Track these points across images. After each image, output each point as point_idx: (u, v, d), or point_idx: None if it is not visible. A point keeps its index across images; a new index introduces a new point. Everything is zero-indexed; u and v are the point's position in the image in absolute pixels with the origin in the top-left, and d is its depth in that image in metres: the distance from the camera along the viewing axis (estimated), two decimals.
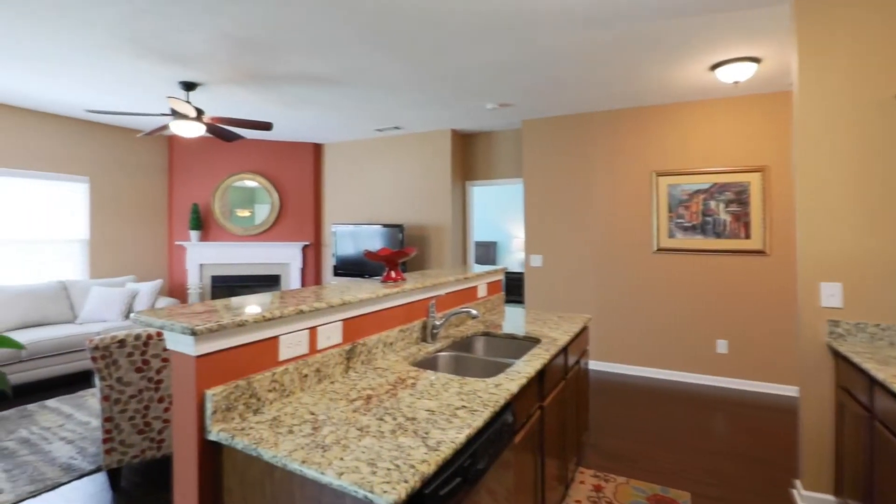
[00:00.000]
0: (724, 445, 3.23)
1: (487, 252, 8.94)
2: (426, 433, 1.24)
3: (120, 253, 5.78)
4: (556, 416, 2.25)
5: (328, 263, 6.73)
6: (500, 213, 9.06)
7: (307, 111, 4.90)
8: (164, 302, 5.16)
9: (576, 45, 3.14)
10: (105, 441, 2.58)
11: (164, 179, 6.24)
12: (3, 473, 2.85)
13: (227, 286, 6.46)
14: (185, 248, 6.27)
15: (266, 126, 4.16)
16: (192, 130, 4.03)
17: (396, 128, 5.62)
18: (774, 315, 4.21)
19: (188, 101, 3.62)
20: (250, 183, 6.41)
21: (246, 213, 6.43)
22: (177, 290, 6.29)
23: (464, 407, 1.42)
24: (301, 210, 6.60)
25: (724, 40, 3.06)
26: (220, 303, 1.58)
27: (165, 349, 2.63)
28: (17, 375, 4.03)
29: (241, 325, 1.33)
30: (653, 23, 2.82)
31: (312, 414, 1.35)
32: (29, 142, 4.97)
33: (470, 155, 6.05)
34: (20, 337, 4.17)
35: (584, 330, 2.82)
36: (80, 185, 5.42)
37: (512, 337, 2.41)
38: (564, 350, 2.36)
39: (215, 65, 3.53)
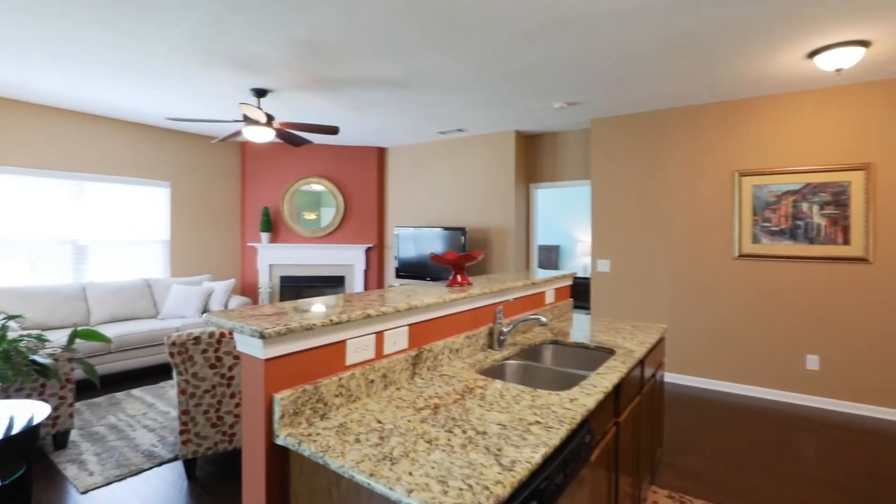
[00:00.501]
0: (817, 472, 2.88)
1: (550, 256, 8.70)
2: (499, 450, 1.15)
3: (197, 253, 6.15)
4: (631, 432, 2.08)
5: (390, 265, 6.81)
6: (563, 215, 8.80)
7: (372, 115, 4.97)
8: (236, 300, 5.42)
9: (654, 36, 2.93)
10: (182, 433, 2.70)
11: (238, 184, 6.58)
12: (94, 457, 3.07)
13: (294, 286, 6.69)
14: (256, 250, 6.57)
15: (333, 130, 4.25)
16: (262, 136, 4.20)
17: (460, 130, 5.58)
18: (877, 330, 3.74)
19: (259, 107, 3.76)
20: (317, 187, 6.62)
21: (312, 216, 6.64)
22: (248, 290, 6.60)
23: (537, 422, 1.32)
24: (365, 213, 6.73)
25: (827, 22, 2.74)
26: (288, 305, 1.57)
27: (236, 349, 2.72)
28: (107, 366, 4.36)
29: (310, 329, 1.31)
30: (746, 6, 2.58)
31: (379, 422, 1.31)
32: (117, 150, 5.41)
33: (534, 156, 5.90)
34: (110, 330, 4.52)
35: (660, 341, 2.62)
36: (163, 189, 5.82)
37: (583, 347, 2.27)
38: (641, 363, 2.19)
39: (285, 71, 3.65)
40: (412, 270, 6.14)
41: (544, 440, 1.21)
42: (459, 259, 2.09)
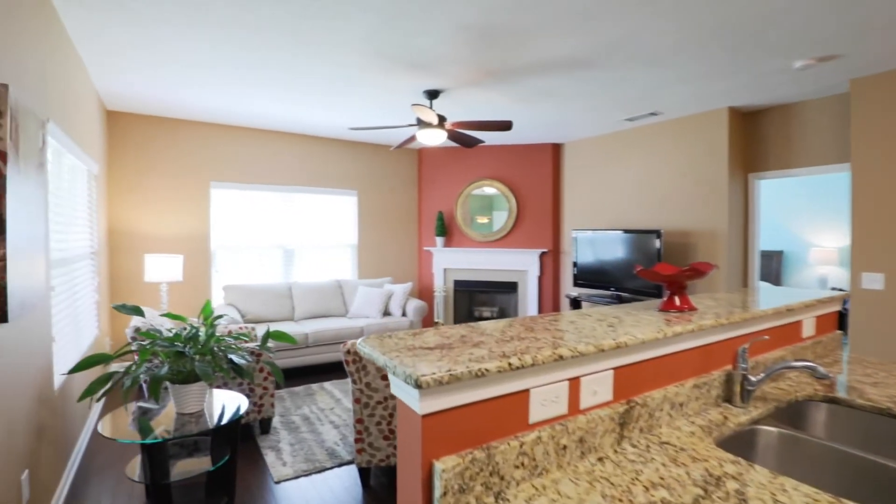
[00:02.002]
0: None
1: (770, 265, 7.03)
2: None
3: (380, 256, 6.52)
4: None
5: (567, 272, 6.25)
6: (788, 212, 7.03)
7: (547, 106, 4.54)
8: (413, 304, 5.53)
9: None
10: (357, 441, 2.66)
11: (415, 190, 6.80)
12: (289, 446, 3.29)
13: (467, 291, 6.64)
14: (431, 254, 6.69)
15: (506, 125, 3.94)
16: (435, 138, 4.11)
17: (653, 114, 4.76)
18: None
19: (430, 108, 3.65)
20: (489, 189, 6.44)
21: (484, 220, 6.49)
22: (425, 293, 6.77)
23: None
24: (538, 215, 6.31)
25: None
26: (456, 332, 1.25)
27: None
28: (304, 358, 4.80)
29: (482, 376, 0.95)
30: None
31: None
32: (315, 163, 6.01)
33: (755, 138, 4.70)
34: (308, 326, 4.98)
35: None
36: (351, 197, 6.30)
37: (888, 414, 1.46)
38: None
39: (455, 66, 3.46)
40: (592, 278, 5.49)
41: None
42: (679, 275, 1.52)
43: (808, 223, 6.79)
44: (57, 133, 2.68)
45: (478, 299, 6.75)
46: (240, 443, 3.35)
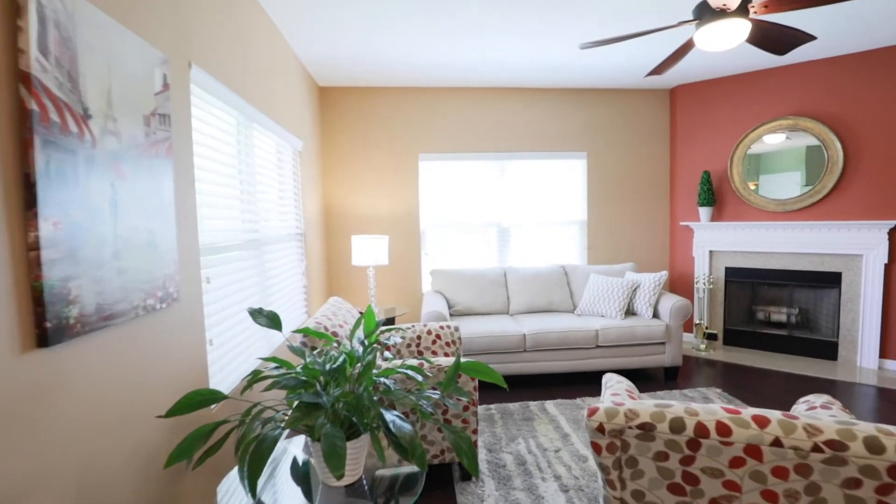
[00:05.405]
0: None
1: None
2: None
3: (616, 235, 5.02)
4: None
5: None
6: None
7: None
8: (669, 300, 3.92)
9: None
10: None
11: (665, 145, 5.02)
12: None
13: (747, 282, 4.62)
14: (690, 231, 4.87)
15: None
16: (729, 37, 2.46)
17: None
18: None
19: None
20: (786, 134, 4.25)
21: (774, 181, 4.33)
22: (679, 284, 5.01)
23: None
24: (888, 167, 3.87)
25: None
26: None
27: (736, 462, 1.18)
28: (521, 365, 3.78)
29: None
30: None
31: None
32: (533, 122, 4.87)
33: None
34: (526, 323, 3.91)
35: None
36: (579, 161, 4.94)
37: None
38: None
39: None
40: None
41: None
42: None
43: None
44: (213, 87, 2.14)
45: (764, 296, 4.65)
46: (431, 490, 2.50)
